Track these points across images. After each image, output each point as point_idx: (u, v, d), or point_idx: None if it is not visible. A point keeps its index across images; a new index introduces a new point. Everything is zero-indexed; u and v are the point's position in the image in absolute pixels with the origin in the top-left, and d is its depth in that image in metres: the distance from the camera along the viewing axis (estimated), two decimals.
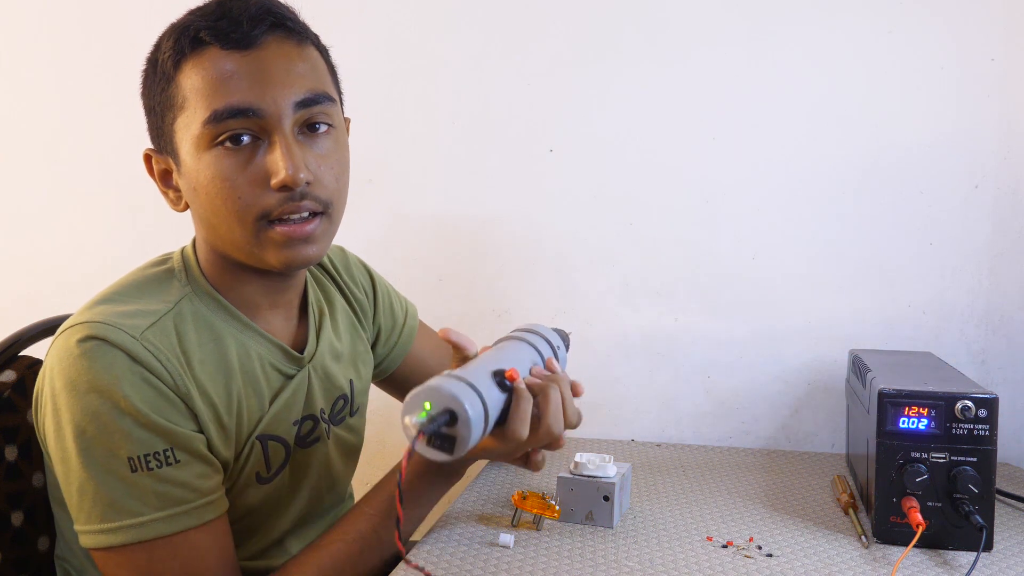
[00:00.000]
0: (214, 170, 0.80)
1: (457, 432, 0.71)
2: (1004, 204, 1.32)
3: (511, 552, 0.90)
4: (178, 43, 0.81)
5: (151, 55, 0.86)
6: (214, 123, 0.79)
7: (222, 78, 0.79)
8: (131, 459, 0.76)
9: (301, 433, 0.93)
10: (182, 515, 0.77)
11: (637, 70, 1.41)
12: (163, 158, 0.86)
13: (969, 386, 0.97)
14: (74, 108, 1.60)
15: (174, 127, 0.83)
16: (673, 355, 1.43)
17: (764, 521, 1.02)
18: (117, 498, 0.75)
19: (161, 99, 0.83)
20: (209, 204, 0.82)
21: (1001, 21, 1.30)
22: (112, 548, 0.76)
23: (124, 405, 0.76)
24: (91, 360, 0.76)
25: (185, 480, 0.78)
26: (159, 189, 0.88)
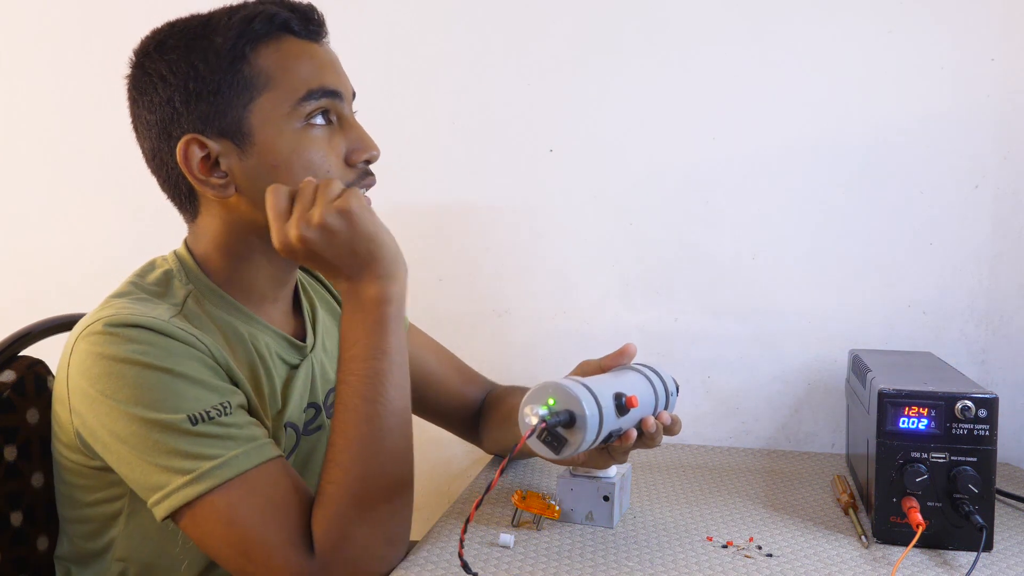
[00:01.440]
0: (305, 144, 0.86)
1: (571, 435, 0.74)
2: (1004, 204, 1.32)
3: (511, 552, 0.90)
4: (250, 27, 0.84)
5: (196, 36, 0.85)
6: (311, 101, 0.85)
7: (309, 64, 0.86)
8: (190, 416, 0.77)
9: (306, 421, 0.94)
10: (252, 451, 0.78)
11: (637, 70, 1.41)
12: (217, 141, 0.85)
13: (969, 386, 0.97)
14: (74, 108, 1.60)
15: (250, 107, 0.85)
16: (673, 355, 1.43)
17: (764, 521, 1.02)
18: (188, 450, 0.76)
19: (228, 80, 0.84)
20: (293, 179, 0.85)
21: (1001, 21, 1.30)
22: (192, 503, 0.76)
23: (174, 370, 0.78)
24: (129, 340, 0.78)
25: (244, 424, 0.80)
26: (196, 179, 0.86)
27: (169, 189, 0.92)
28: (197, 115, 0.85)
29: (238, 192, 0.87)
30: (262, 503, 0.77)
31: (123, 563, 0.87)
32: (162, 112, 0.87)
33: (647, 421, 0.87)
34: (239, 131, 0.85)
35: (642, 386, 0.88)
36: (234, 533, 0.76)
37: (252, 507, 0.76)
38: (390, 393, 0.81)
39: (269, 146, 0.85)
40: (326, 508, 0.78)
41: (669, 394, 0.93)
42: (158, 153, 0.89)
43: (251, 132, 0.85)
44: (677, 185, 1.41)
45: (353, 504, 0.78)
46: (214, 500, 0.76)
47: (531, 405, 0.75)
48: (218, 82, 0.84)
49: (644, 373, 0.91)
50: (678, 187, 1.41)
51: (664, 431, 0.89)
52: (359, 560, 0.79)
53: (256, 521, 0.76)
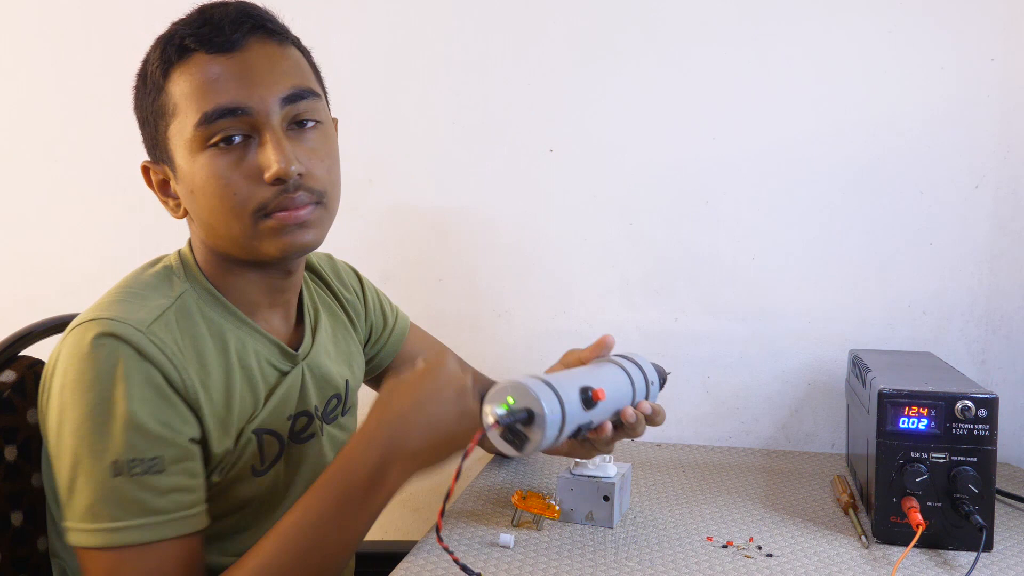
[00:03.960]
0: (209, 170, 0.83)
1: (531, 432, 0.74)
2: (1004, 204, 1.32)
3: (511, 552, 0.90)
4: (164, 52, 0.84)
5: (140, 69, 0.89)
6: (205, 125, 0.82)
7: (209, 81, 0.82)
8: (116, 462, 0.77)
9: (295, 429, 0.94)
10: (157, 525, 0.78)
11: (637, 70, 1.41)
12: (160, 168, 0.89)
13: (969, 386, 0.97)
14: (74, 108, 1.60)
15: (167, 135, 0.85)
16: (673, 355, 1.43)
17: (764, 521, 1.02)
18: (96, 500, 0.77)
19: (153, 109, 0.86)
20: (207, 204, 0.84)
21: (1001, 21, 1.30)
22: (87, 548, 0.78)
23: (120, 408, 0.77)
24: (96, 359, 0.78)
25: (165, 491, 0.79)
26: (159, 199, 0.90)
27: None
28: (147, 142, 0.89)
29: (187, 214, 0.89)
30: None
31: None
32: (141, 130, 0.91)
33: (626, 412, 0.87)
34: (168, 157, 0.86)
35: (615, 378, 0.87)
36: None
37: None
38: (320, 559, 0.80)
39: (185, 172, 0.85)
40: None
41: (650, 384, 0.92)
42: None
43: (173, 158, 0.86)
44: (677, 185, 1.41)
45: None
46: (104, 556, 0.77)
47: (490, 404, 0.75)
48: (146, 111, 0.87)
49: (621, 364, 0.90)
50: (678, 187, 1.41)
51: (647, 421, 0.90)
52: None
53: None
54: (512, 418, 0.73)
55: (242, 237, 0.85)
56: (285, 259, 0.88)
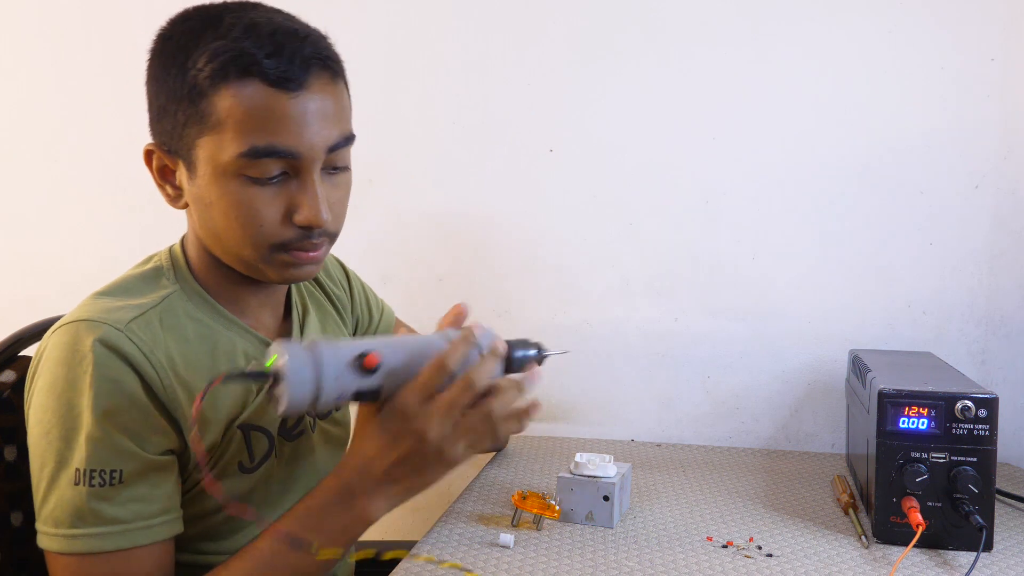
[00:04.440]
0: (238, 198, 0.81)
1: (279, 391, 0.73)
2: (1004, 204, 1.32)
3: (511, 552, 0.90)
4: (221, 63, 0.78)
5: (167, 46, 0.83)
6: (250, 158, 0.79)
7: (266, 118, 0.79)
8: (77, 470, 0.78)
9: (287, 425, 0.94)
10: (114, 535, 0.78)
11: (637, 70, 1.41)
12: (171, 159, 0.85)
13: (969, 386, 0.97)
14: (74, 108, 1.60)
15: (196, 140, 0.81)
16: (673, 355, 1.43)
17: (764, 521, 1.02)
18: (58, 506, 0.78)
19: (186, 108, 0.81)
20: (224, 223, 0.83)
21: (1001, 21, 1.30)
22: (50, 551, 0.79)
23: (86, 417, 0.78)
24: (71, 365, 0.78)
25: (125, 501, 0.79)
26: (155, 182, 0.87)
27: None
28: (162, 127, 0.85)
29: (188, 207, 0.87)
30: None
31: None
32: (149, 105, 0.86)
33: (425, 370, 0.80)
34: (188, 158, 0.83)
35: (415, 346, 0.80)
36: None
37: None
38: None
39: (207, 184, 0.82)
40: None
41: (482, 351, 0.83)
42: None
43: (196, 164, 0.82)
44: (677, 185, 1.41)
45: None
46: (66, 561, 0.78)
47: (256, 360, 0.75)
48: (174, 102, 0.82)
49: (447, 335, 0.84)
50: (678, 187, 1.41)
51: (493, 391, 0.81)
52: None
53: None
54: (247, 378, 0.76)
55: (251, 260, 0.85)
56: (284, 283, 0.91)
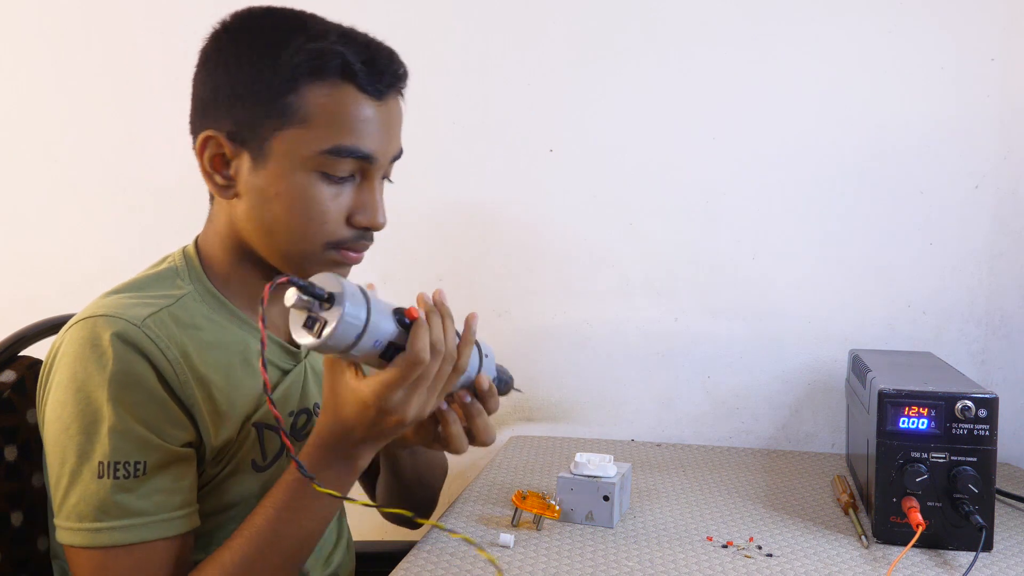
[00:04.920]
0: (309, 192, 0.83)
1: (329, 314, 0.70)
2: (1004, 204, 1.32)
3: (511, 552, 0.90)
4: (318, 63, 0.82)
5: (257, 43, 0.84)
6: (333, 156, 0.82)
7: (356, 120, 0.83)
8: (101, 463, 0.78)
9: (296, 426, 0.94)
10: (138, 527, 0.78)
11: (637, 70, 1.41)
12: (234, 148, 0.85)
13: (969, 386, 0.97)
14: (74, 108, 1.60)
15: (276, 133, 0.83)
16: (673, 355, 1.43)
17: (764, 521, 1.02)
18: (81, 500, 0.78)
19: (269, 100, 0.82)
20: (285, 216, 0.84)
21: (1001, 21, 1.30)
22: (73, 546, 0.78)
23: (107, 411, 0.78)
24: (89, 359, 0.78)
25: (148, 493, 0.80)
26: (203, 170, 0.86)
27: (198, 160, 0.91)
28: (232, 116, 0.84)
29: (237, 197, 0.87)
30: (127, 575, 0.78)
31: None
32: (209, 92, 0.86)
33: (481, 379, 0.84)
34: (259, 149, 0.84)
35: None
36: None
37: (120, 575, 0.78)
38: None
39: (277, 177, 0.83)
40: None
41: (483, 355, 0.87)
42: (194, 125, 0.89)
43: (268, 156, 0.84)
44: (677, 185, 1.41)
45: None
46: (90, 555, 0.78)
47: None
48: (264, 98, 0.83)
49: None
50: (678, 187, 1.41)
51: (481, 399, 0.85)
52: None
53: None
54: (310, 289, 0.69)
55: (298, 255, 0.86)
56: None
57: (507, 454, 1.31)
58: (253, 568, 0.80)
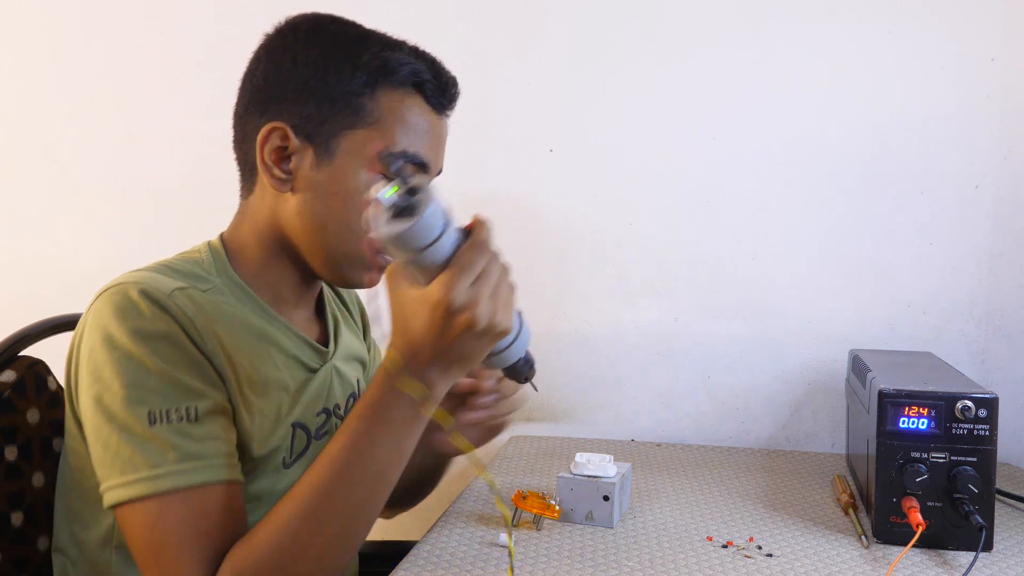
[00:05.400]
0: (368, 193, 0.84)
1: (418, 201, 0.70)
2: (1004, 204, 1.32)
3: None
4: (395, 71, 0.86)
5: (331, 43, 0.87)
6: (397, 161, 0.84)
7: (420, 128, 0.88)
8: (151, 413, 0.77)
9: (318, 425, 0.95)
10: (198, 469, 0.77)
11: (637, 70, 1.41)
12: (302, 142, 0.86)
13: (969, 386, 0.97)
14: (74, 108, 1.60)
15: (345, 132, 0.85)
16: (673, 355, 1.43)
17: (764, 521, 1.02)
18: (136, 451, 0.76)
19: (344, 98, 0.85)
20: (342, 213, 0.85)
21: (1001, 21, 1.30)
22: (129, 502, 0.76)
23: (150, 362, 0.77)
24: (124, 319, 0.78)
25: (203, 437, 0.79)
26: (262, 161, 0.87)
27: (239, 153, 0.93)
28: (300, 110, 0.86)
29: (292, 192, 0.88)
30: (186, 523, 0.76)
31: (122, 550, 0.87)
32: (273, 86, 0.87)
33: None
34: (325, 145, 0.86)
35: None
36: (153, 541, 0.76)
37: (176, 524, 0.76)
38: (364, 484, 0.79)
39: (339, 175, 0.86)
40: (251, 551, 0.77)
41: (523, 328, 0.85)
42: (247, 117, 0.90)
43: (334, 153, 0.86)
44: (677, 185, 1.41)
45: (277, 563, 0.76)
46: (146, 506, 0.76)
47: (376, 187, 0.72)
48: (337, 96, 0.85)
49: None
50: (678, 187, 1.41)
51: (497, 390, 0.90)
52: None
53: (174, 539, 0.76)
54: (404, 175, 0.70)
55: (343, 255, 0.87)
56: (348, 287, 0.93)
57: (507, 454, 1.31)
58: (329, 501, 0.77)
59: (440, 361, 0.76)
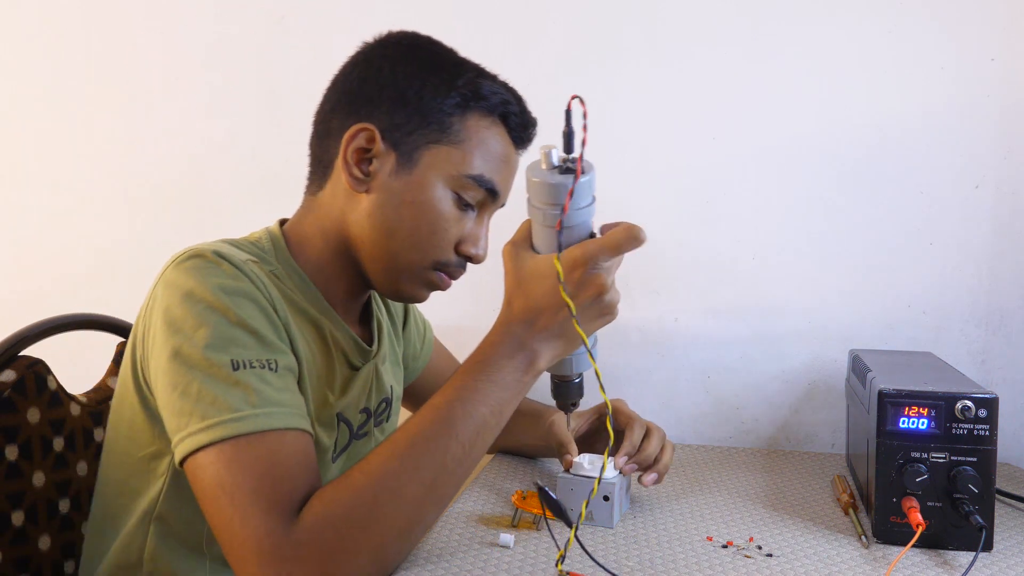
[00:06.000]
0: (442, 208, 0.90)
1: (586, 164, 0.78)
2: (1004, 204, 1.32)
3: (511, 552, 0.90)
4: (488, 99, 0.91)
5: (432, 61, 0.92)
6: (475, 183, 0.90)
7: (500, 157, 0.93)
8: (234, 360, 0.78)
9: (359, 423, 0.96)
10: (278, 414, 0.78)
11: (637, 70, 1.41)
12: (387, 148, 0.89)
13: (969, 386, 0.97)
14: (75, 108, 1.60)
15: (427, 144, 0.89)
16: (673, 355, 1.43)
17: (764, 521, 1.02)
18: (219, 395, 0.76)
19: (435, 114, 0.89)
20: (412, 223, 0.89)
21: (1001, 21, 1.30)
22: (209, 445, 0.75)
23: (233, 316, 0.79)
24: (204, 276, 0.80)
25: (282, 388, 0.80)
26: (343, 159, 0.90)
27: (317, 149, 0.95)
28: (390, 117, 0.89)
29: (367, 193, 0.90)
30: (263, 466, 0.75)
31: (162, 522, 0.88)
32: (367, 91, 0.90)
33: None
34: (408, 155, 0.89)
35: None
36: (228, 483, 0.74)
37: (252, 466, 0.75)
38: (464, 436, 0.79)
39: (417, 186, 0.89)
40: (340, 492, 0.75)
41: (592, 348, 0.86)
42: (333, 115, 0.93)
43: (415, 164, 0.89)
44: (677, 185, 1.41)
45: (368, 505, 0.75)
46: (222, 449, 0.75)
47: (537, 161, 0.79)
48: (429, 111, 0.89)
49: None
50: (678, 187, 1.41)
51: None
52: (333, 568, 0.73)
53: (250, 481, 0.74)
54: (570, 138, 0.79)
55: (404, 265, 0.90)
56: (402, 300, 0.96)
57: (507, 454, 1.31)
58: (429, 448, 0.77)
59: (550, 328, 0.79)
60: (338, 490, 0.75)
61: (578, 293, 0.78)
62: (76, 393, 1.09)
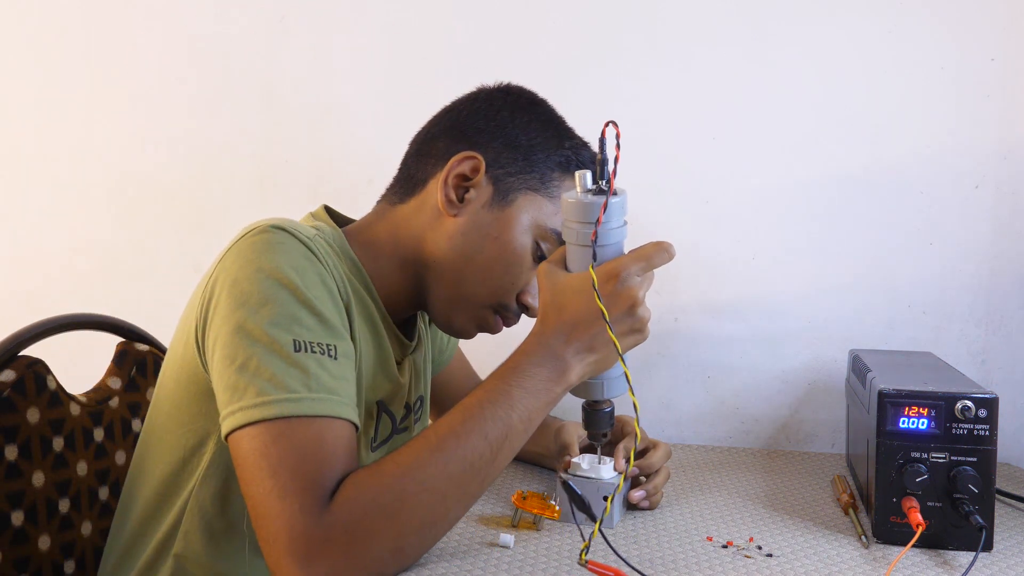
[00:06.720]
0: (521, 251, 0.94)
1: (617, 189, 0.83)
2: (1004, 204, 1.32)
3: (511, 552, 0.90)
4: (582, 162, 0.97)
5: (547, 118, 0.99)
6: (556, 237, 0.94)
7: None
8: (296, 341, 0.79)
9: (401, 416, 0.97)
10: (330, 402, 0.79)
11: (637, 70, 1.41)
12: (488, 181, 0.93)
13: (969, 386, 0.97)
14: (74, 107, 1.60)
15: (528, 193, 0.94)
16: (673, 355, 1.43)
17: (764, 521, 1.02)
18: (276, 373, 0.77)
19: (540, 166, 0.95)
20: (491, 257, 0.93)
21: (1001, 21, 1.30)
22: (256, 423, 0.76)
23: (300, 295, 0.80)
24: (275, 251, 0.81)
25: (338, 376, 0.81)
26: (444, 180, 0.94)
27: (412, 165, 0.99)
28: (497, 155, 0.94)
29: (455, 218, 0.93)
30: (310, 448, 0.76)
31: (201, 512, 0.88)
32: (482, 126, 0.95)
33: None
34: (505, 194, 0.94)
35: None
36: (272, 460, 0.75)
37: (299, 447, 0.76)
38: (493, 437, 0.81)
39: (505, 223, 0.93)
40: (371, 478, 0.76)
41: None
42: (438, 138, 0.96)
43: (509, 204, 0.94)
44: (677, 185, 1.41)
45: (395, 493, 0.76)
46: (268, 428, 0.76)
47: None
48: (536, 160, 0.95)
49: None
50: (678, 187, 1.41)
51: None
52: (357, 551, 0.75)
53: (294, 460, 0.75)
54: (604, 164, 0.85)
55: (468, 296, 0.93)
56: (452, 332, 0.99)
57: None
58: (459, 444, 0.78)
59: (583, 340, 0.81)
60: (370, 476, 0.77)
61: (611, 306, 0.80)
62: (76, 393, 1.09)
